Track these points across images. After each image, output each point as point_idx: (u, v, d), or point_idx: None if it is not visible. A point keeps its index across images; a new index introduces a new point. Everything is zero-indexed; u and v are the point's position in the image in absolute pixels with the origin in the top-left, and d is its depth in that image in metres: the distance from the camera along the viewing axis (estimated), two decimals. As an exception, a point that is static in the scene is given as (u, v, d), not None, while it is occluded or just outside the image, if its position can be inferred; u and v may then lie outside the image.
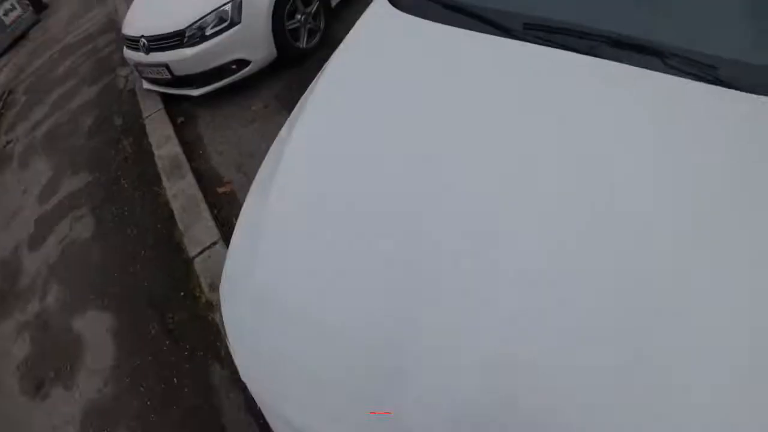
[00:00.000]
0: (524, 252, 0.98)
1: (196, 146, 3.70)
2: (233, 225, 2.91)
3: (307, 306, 1.16)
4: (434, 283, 1.02)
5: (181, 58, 3.71)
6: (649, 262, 0.90)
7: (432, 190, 1.15)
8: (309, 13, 4.00)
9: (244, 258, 1.42)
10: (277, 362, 1.17)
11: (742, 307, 0.83)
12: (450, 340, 0.95)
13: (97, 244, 3.38)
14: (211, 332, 2.53)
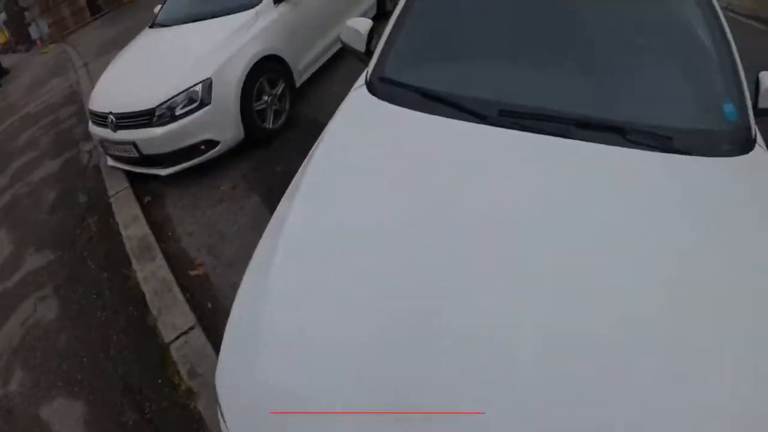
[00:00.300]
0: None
1: (164, 227, 3.77)
2: (208, 308, 3.07)
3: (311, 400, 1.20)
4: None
5: (149, 137, 3.80)
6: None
7: (425, 262, 1.30)
8: (275, 95, 4.27)
9: (243, 351, 1.44)
10: None
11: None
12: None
13: (64, 327, 3.30)
14: (193, 421, 2.56)
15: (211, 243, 3.56)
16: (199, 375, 2.74)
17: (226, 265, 3.40)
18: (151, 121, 3.80)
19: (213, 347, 2.86)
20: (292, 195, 1.79)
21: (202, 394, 2.66)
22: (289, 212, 1.67)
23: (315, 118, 4.56)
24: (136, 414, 2.67)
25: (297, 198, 1.71)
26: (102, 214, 4.06)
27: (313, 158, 1.87)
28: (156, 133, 3.79)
